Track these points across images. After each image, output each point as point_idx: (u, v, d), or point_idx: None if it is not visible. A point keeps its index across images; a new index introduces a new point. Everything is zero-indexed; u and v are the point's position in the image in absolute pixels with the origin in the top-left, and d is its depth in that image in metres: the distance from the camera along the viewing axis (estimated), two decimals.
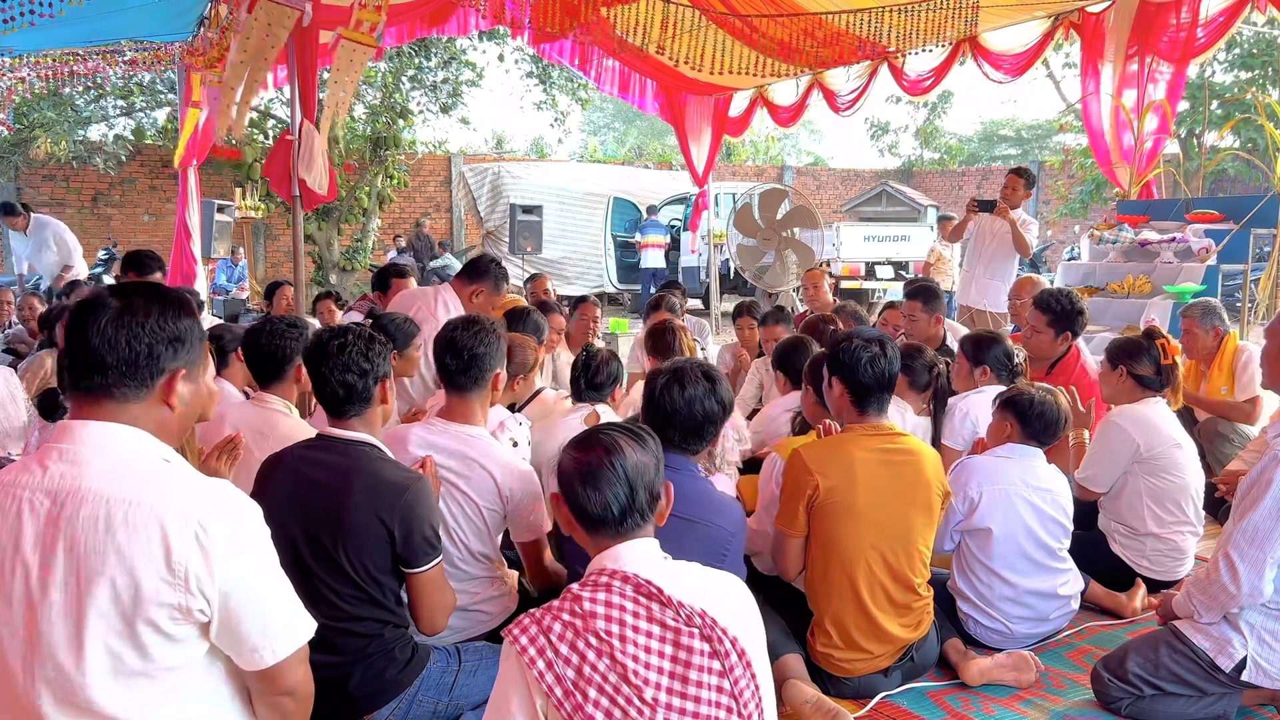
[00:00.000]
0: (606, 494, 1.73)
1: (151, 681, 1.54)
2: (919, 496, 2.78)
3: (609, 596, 1.65)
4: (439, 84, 14.23)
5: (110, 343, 1.56)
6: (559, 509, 1.81)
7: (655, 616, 1.63)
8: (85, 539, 1.49)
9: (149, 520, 1.50)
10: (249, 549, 1.59)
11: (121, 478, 1.54)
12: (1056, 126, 21.71)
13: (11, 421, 4.68)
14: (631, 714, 1.57)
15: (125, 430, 1.59)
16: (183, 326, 1.64)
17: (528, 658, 1.60)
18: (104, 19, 6.22)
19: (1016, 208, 6.49)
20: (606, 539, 1.75)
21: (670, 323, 4.43)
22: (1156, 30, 6.05)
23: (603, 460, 1.75)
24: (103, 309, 1.58)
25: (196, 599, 1.53)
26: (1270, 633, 2.51)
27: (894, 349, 2.82)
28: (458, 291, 4.36)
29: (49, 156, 14.61)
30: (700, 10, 6.41)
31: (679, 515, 2.38)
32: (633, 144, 29.31)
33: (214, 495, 1.59)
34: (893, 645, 2.78)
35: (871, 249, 13.62)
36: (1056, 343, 4.24)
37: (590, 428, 1.89)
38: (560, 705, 1.57)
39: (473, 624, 2.71)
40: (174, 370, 1.63)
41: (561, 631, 1.62)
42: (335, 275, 14.16)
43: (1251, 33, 15.69)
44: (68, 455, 1.56)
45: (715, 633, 1.63)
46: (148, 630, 1.51)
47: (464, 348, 2.74)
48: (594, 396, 3.53)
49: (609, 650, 1.59)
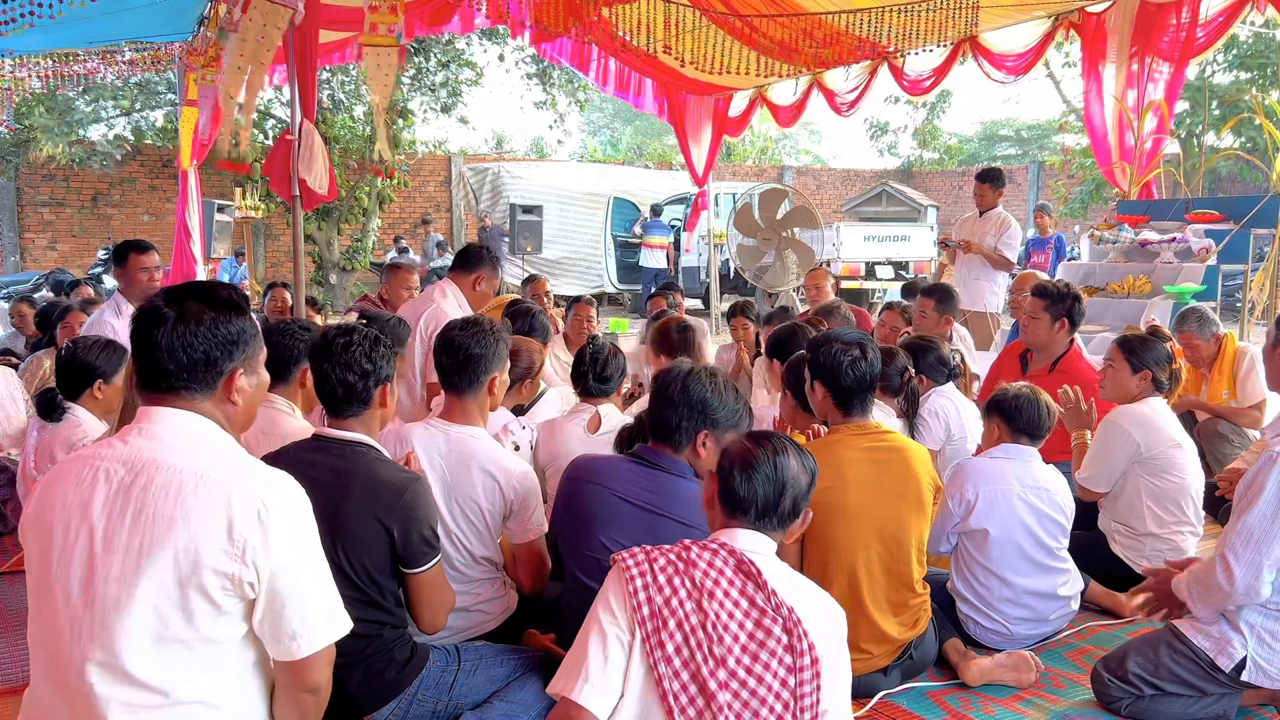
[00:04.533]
0: (757, 487, 1.87)
1: (189, 652, 1.62)
2: (909, 492, 2.77)
3: (713, 559, 1.81)
4: (439, 84, 14.23)
5: (170, 353, 1.70)
6: (709, 483, 1.98)
7: (747, 592, 1.78)
8: (156, 505, 1.60)
9: (217, 492, 1.62)
10: (303, 536, 1.70)
11: (194, 454, 1.66)
12: (1056, 126, 21.69)
13: (12, 422, 4.69)
14: (698, 658, 1.71)
15: (196, 418, 1.72)
16: (235, 328, 1.75)
17: (629, 575, 1.77)
18: (104, 20, 6.22)
19: (994, 208, 6.71)
20: (739, 523, 1.89)
21: (683, 321, 4.44)
22: (1157, 30, 6.05)
23: (766, 457, 1.90)
24: (160, 320, 1.70)
25: (249, 571, 1.62)
26: (1270, 633, 2.51)
27: (874, 351, 2.83)
28: (458, 284, 4.39)
29: (49, 157, 14.61)
30: (700, 10, 6.40)
31: (674, 518, 2.39)
32: (632, 144, 29.30)
33: (278, 482, 1.71)
34: (891, 645, 2.78)
35: (871, 249, 13.62)
36: (1054, 329, 4.23)
37: (768, 431, 2.05)
38: (643, 623, 1.73)
39: (473, 624, 2.70)
40: (233, 371, 1.75)
41: (664, 565, 1.79)
42: (335, 275, 14.16)
43: (1250, 33, 15.68)
44: (147, 431, 1.69)
45: (798, 630, 1.75)
46: (198, 597, 1.60)
47: (460, 347, 2.73)
48: (602, 390, 3.52)
49: (698, 597, 1.75)
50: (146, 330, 1.71)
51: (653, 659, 1.71)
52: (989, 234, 6.65)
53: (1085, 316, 4.45)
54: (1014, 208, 18.74)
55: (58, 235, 15.78)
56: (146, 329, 1.71)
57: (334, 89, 13.79)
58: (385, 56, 5.25)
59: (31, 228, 15.65)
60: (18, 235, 15.48)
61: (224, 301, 1.75)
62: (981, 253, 6.61)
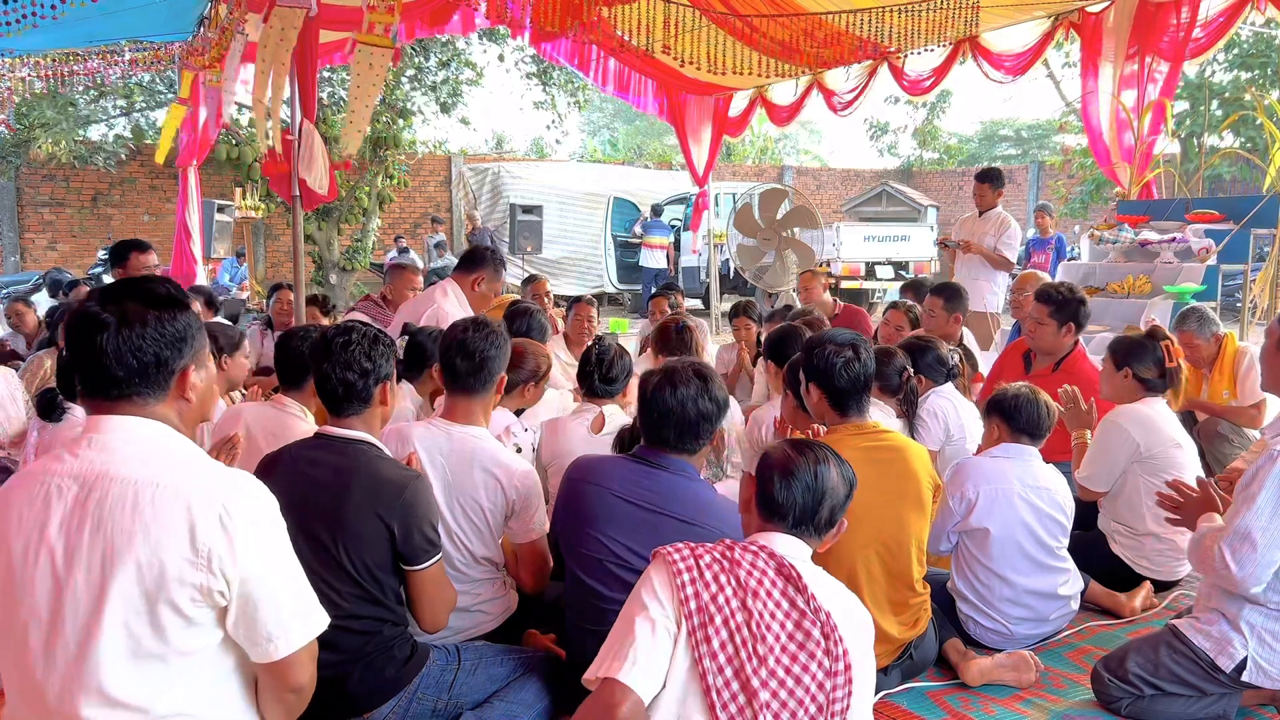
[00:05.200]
0: (796, 495, 1.89)
1: (164, 666, 1.57)
2: (909, 491, 2.77)
3: (755, 560, 1.83)
4: (439, 84, 14.22)
5: (118, 358, 1.61)
6: (746, 485, 1.98)
7: (788, 594, 1.80)
8: (113, 520, 1.54)
9: (174, 501, 1.56)
10: (268, 538, 1.64)
11: (148, 463, 1.60)
12: (1056, 126, 21.70)
13: (12, 422, 4.69)
14: (742, 655, 1.72)
15: (149, 424, 1.65)
16: (181, 325, 1.67)
17: (675, 569, 1.78)
18: (104, 20, 6.22)
19: (994, 208, 6.73)
20: (777, 528, 1.91)
21: (682, 322, 4.44)
22: (1157, 30, 6.05)
23: (807, 466, 1.91)
24: (100, 325, 1.60)
25: (218, 580, 1.57)
26: (1271, 633, 2.51)
27: (867, 351, 2.83)
28: (459, 284, 4.41)
29: (49, 157, 14.61)
30: (700, 10, 6.40)
31: (675, 516, 2.39)
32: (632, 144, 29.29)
33: (238, 484, 1.65)
34: (891, 645, 2.78)
35: (871, 249, 13.63)
36: (1060, 334, 4.24)
37: (810, 440, 2.04)
38: (690, 616, 1.75)
39: (473, 624, 2.70)
40: (184, 368, 1.69)
41: (710, 562, 1.80)
42: (335, 275, 14.15)
43: (1251, 33, 15.68)
44: (97, 443, 1.62)
45: (834, 635, 1.77)
46: (168, 611, 1.55)
47: (475, 350, 2.73)
48: (607, 391, 3.52)
49: (743, 595, 1.77)
50: (87, 337, 1.60)
51: (698, 653, 1.72)
52: (989, 234, 6.66)
53: (1090, 317, 4.44)
54: (1014, 208, 18.74)
55: (58, 235, 15.79)
56: (87, 335, 1.60)
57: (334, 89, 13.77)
58: (378, 57, 5.22)
59: (31, 228, 15.65)
60: (18, 235, 15.48)
61: (165, 298, 1.66)
62: (981, 253, 6.62)
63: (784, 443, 2.01)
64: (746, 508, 1.99)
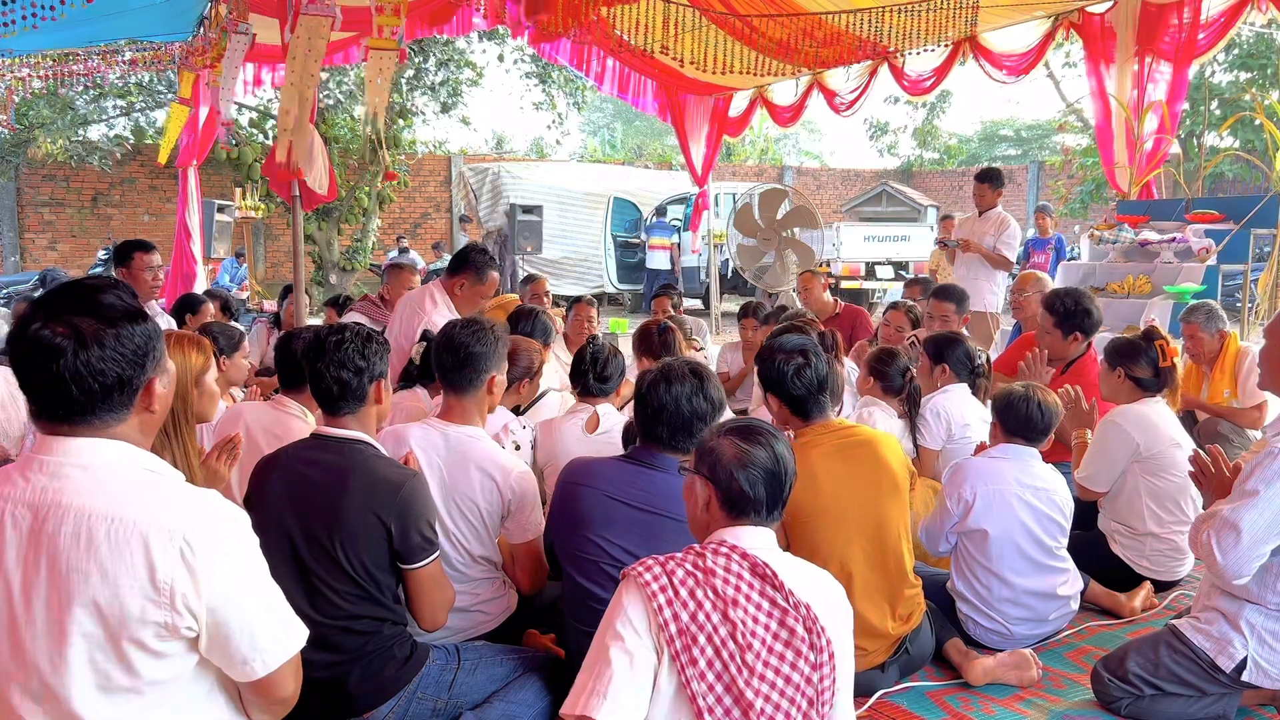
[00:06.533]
0: (763, 486, 1.85)
1: (140, 697, 1.51)
2: (884, 482, 2.76)
3: (728, 564, 1.78)
4: (439, 84, 14.22)
5: (78, 383, 1.48)
6: (696, 489, 1.91)
7: (766, 594, 1.77)
8: (66, 557, 1.45)
9: (132, 537, 1.46)
10: (235, 562, 1.54)
11: (103, 493, 1.49)
12: (1056, 126, 21.70)
13: (12, 422, 4.68)
14: (733, 669, 1.69)
15: (107, 444, 1.53)
16: (141, 338, 1.54)
17: (650, 591, 1.72)
18: (105, 20, 6.23)
19: (993, 208, 6.70)
20: (743, 523, 1.87)
21: (663, 323, 4.42)
22: (1158, 31, 6.05)
23: (764, 451, 1.87)
24: (55, 351, 1.46)
25: (184, 617, 1.49)
26: (1271, 633, 2.51)
27: (818, 355, 2.79)
28: (445, 288, 4.42)
29: (48, 156, 14.61)
30: (700, 10, 6.41)
31: (668, 515, 2.38)
32: (632, 144, 29.30)
33: (199, 508, 1.54)
34: (886, 640, 2.78)
35: (871, 249, 13.63)
36: (1067, 342, 4.24)
37: (747, 421, 1.99)
38: (672, 641, 1.70)
39: (472, 624, 2.70)
40: (149, 381, 1.58)
41: (684, 578, 1.75)
42: (335, 275, 14.16)
43: (1251, 33, 15.68)
44: (49, 468, 1.51)
45: (816, 627, 1.76)
46: (134, 649, 1.48)
47: (460, 345, 2.73)
48: (601, 390, 3.52)
49: (722, 607, 1.72)
50: (40, 363, 1.47)
51: (685, 676, 1.68)
52: (988, 234, 6.65)
53: (1101, 324, 4.40)
54: (1014, 208, 18.75)
55: (58, 235, 15.81)
56: (40, 362, 1.47)
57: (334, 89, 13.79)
58: (386, 60, 5.24)
59: (31, 228, 15.67)
60: (18, 235, 15.50)
61: (119, 311, 1.52)
62: (980, 252, 6.61)
63: (726, 435, 1.91)
64: (705, 508, 1.92)
